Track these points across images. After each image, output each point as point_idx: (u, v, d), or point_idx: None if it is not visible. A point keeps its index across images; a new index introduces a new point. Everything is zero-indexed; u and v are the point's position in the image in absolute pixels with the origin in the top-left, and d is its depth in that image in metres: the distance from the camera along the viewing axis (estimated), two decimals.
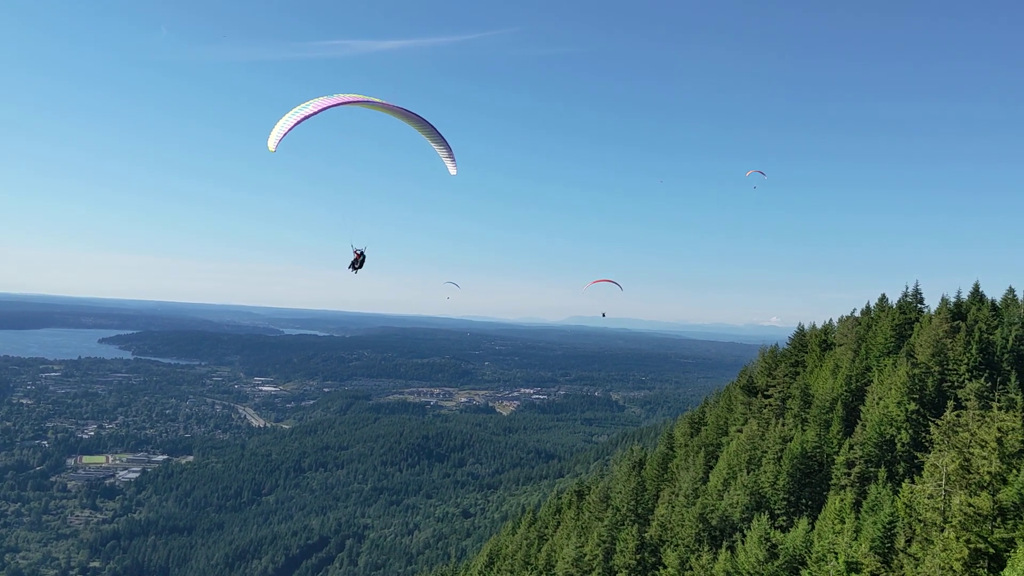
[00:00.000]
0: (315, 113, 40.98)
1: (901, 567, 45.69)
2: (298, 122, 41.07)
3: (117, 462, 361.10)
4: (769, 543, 59.13)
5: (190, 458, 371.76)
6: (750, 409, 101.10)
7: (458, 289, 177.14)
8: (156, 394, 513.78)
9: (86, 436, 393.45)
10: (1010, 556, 38.97)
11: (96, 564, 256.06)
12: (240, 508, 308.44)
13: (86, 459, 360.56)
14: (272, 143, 41.40)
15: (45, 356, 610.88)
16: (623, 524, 78.33)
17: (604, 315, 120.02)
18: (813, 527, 62.65)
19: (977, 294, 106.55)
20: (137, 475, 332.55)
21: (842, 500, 61.23)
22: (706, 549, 64.14)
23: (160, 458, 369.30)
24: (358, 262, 48.73)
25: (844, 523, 56.69)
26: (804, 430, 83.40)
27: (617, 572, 70.99)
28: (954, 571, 40.39)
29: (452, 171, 48.51)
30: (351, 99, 42.19)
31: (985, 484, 43.37)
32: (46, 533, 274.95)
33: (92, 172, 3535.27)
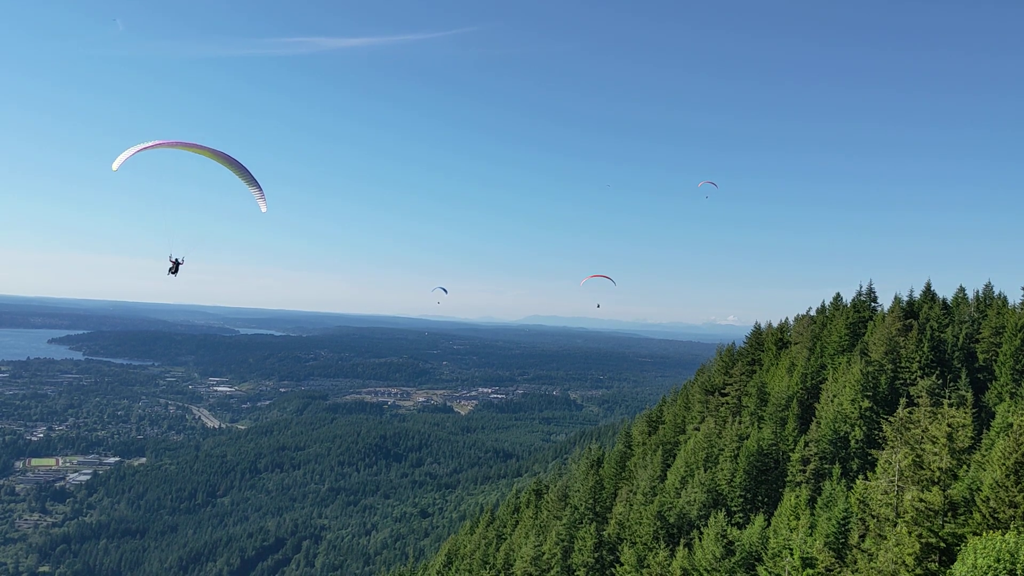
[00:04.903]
0: (151, 147, 48.51)
1: (855, 562, 46.24)
2: (138, 151, 48.16)
3: (67, 464, 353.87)
4: (726, 540, 59.47)
5: (143, 460, 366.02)
6: (707, 407, 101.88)
7: (446, 295, 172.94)
8: (108, 395, 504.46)
9: (35, 438, 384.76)
10: (960, 550, 39.59)
11: (46, 569, 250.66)
12: (194, 510, 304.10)
13: (35, 462, 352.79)
14: (116, 163, 48.24)
15: None
16: (581, 522, 78.36)
17: (599, 306, 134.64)
18: (769, 523, 63.23)
19: (929, 293, 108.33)
20: (88, 477, 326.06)
21: (797, 497, 61.85)
22: (663, 546, 64.35)
23: (112, 460, 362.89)
24: (174, 269, 55.94)
25: (799, 519, 57.24)
26: (760, 428, 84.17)
27: (575, 570, 71.00)
28: (906, 565, 40.93)
29: (263, 209, 55.87)
30: (182, 143, 49.69)
31: (936, 480, 44.04)
32: None
33: (42, 168, 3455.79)
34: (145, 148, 47.80)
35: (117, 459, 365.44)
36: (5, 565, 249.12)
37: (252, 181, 53.36)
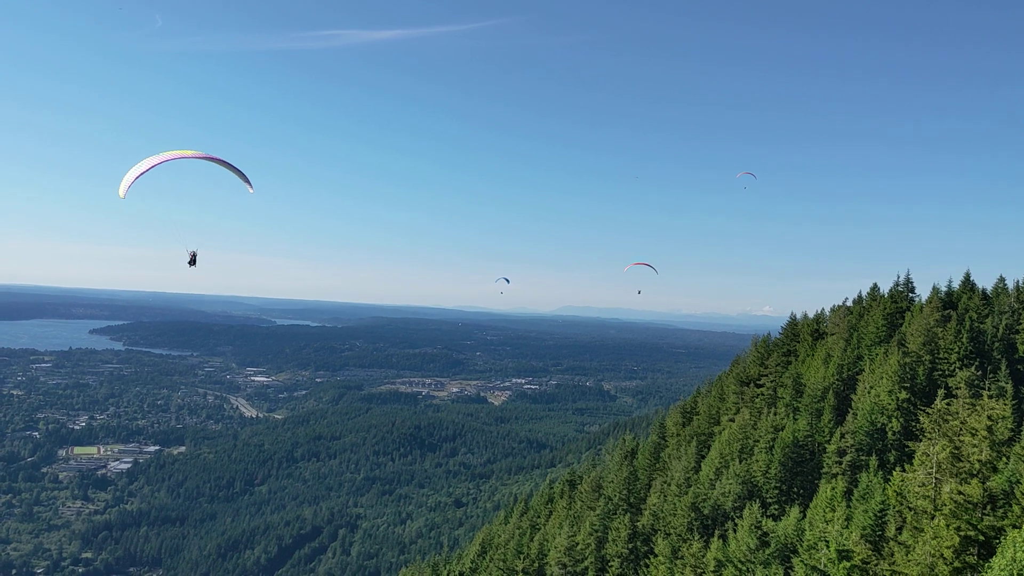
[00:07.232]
0: (152, 167, 50.88)
1: (892, 555, 45.86)
2: (140, 174, 50.44)
3: (109, 453, 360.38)
4: (761, 531, 59.27)
5: (182, 449, 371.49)
6: (742, 398, 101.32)
7: (508, 284, 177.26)
8: (147, 385, 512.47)
9: (77, 427, 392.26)
10: (999, 544, 39.13)
11: (88, 555, 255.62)
12: (232, 498, 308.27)
13: (77, 450, 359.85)
14: (122, 190, 50.53)
15: (36, 347, 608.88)
16: (615, 513, 78.45)
17: (640, 292, 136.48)
18: (804, 515, 62.87)
19: (968, 283, 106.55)
20: (129, 466, 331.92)
21: (833, 488, 61.43)
22: (698, 538, 64.29)
23: (152, 449, 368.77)
24: (193, 260, 59.80)
25: (835, 511, 56.87)
26: (796, 419, 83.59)
27: (609, 561, 71.14)
28: (944, 559, 40.54)
29: (251, 191, 59.57)
30: (176, 155, 52.53)
31: (975, 472, 43.50)
32: (37, 524, 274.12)
33: (83, 166, 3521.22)
34: (144, 171, 50.45)
35: (157, 448, 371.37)
36: (49, 551, 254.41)
37: (238, 172, 57.01)
